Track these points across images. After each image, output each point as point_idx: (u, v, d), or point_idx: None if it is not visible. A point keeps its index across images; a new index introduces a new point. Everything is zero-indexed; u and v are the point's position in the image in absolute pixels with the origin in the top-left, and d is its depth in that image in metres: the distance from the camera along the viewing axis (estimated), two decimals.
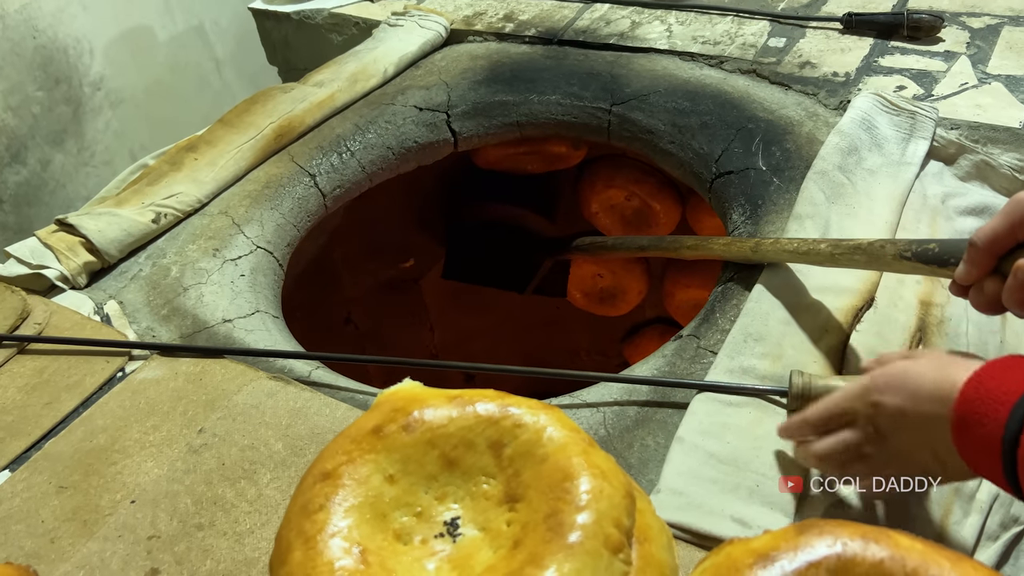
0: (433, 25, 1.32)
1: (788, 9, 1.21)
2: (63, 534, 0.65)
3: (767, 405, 0.68)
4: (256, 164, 1.08)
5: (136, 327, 0.86)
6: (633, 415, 0.72)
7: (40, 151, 1.60)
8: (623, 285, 1.61)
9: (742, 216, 0.92)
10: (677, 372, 0.75)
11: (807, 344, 0.73)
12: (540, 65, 1.21)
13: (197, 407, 0.75)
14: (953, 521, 0.65)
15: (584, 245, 1.29)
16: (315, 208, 1.07)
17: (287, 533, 0.46)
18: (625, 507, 0.45)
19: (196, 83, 1.94)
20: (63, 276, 0.91)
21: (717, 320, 0.79)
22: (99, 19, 1.67)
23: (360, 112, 1.16)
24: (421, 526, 0.47)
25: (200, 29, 1.91)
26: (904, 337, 0.73)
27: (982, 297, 0.54)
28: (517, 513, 0.46)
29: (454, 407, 0.50)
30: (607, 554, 0.43)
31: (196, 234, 0.98)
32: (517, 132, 1.18)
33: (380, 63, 1.23)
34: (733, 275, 0.84)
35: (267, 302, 0.92)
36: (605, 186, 1.43)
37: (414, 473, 0.49)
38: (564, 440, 0.48)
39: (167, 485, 0.68)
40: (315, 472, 0.48)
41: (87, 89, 1.67)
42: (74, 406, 0.76)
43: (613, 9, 1.31)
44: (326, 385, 0.78)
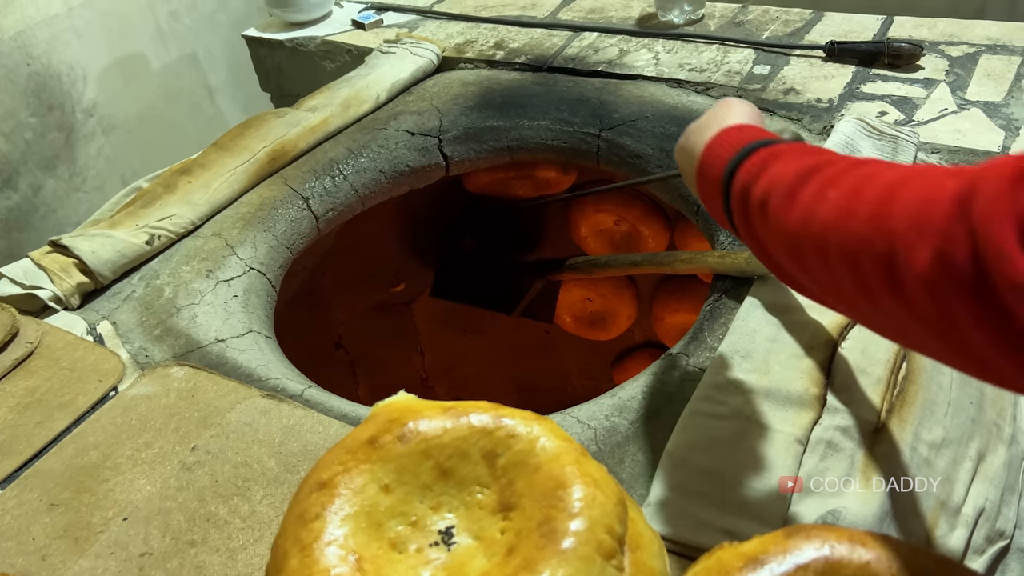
0: (425, 52, 1.34)
1: (772, 37, 1.24)
2: (54, 551, 0.65)
3: (754, 419, 0.69)
4: (250, 187, 1.09)
5: (129, 347, 0.86)
6: (624, 431, 0.72)
7: (32, 176, 1.60)
8: (613, 309, 1.62)
9: (729, 238, 0.94)
10: (667, 389, 0.76)
11: (793, 361, 0.74)
12: (530, 91, 1.23)
13: (190, 424, 0.75)
14: (939, 534, 0.66)
15: (577, 264, 1.31)
16: (308, 231, 1.08)
17: (283, 542, 0.46)
18: (617, 515, 0.46)
19: (189, 110, 1.96)
20: (56, 297, 0.91)
21: (705, 338, 0.81)
22: (93, 47, 1.69)
23: (353, 136, 1.18)
24: (416, 535, 0.48)
25: (193, 57, 1.94)
26: (888, 354, 0.74)
27: None
28: (511, 521, 0.47)
29: (448, 418, 0.51)
30: (600, 560, 0.43)
31: (189, 255, 0.99)
32: (508, 157, 1.20)
33: (373, 89, 1.25)
34: (721, 294, 0.86)
35: (260, 322, 0.93)
36: (594, 210, 1.45)
37: (409, 483, 0.49)
38: (557, 450, 0.49)
39: (160, 502, 0.68)
40: (311, 482, 0.49)
41: (80, 115, 1.68)
42: (66, 425, 0.77)
43: (601, 37, 1.34)
44: (319, 404, 0.78)
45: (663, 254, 1.06)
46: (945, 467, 0.69)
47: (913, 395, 0.72)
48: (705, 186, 0.59)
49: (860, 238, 0.39)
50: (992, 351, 0.34)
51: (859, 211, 0.40)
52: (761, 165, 0.51)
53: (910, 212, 0.36)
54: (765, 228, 0.50)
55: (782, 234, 0.48)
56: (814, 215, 0.44)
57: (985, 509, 0.69)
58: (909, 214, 0.36)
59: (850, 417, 0.69)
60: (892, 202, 0.38)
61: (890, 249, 0.37)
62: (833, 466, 0.66)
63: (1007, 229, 0.31)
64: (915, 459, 0.68)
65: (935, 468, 0.69)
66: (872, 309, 0.41)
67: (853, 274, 0.41)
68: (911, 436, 0.69)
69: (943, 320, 0.35)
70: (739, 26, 1.29)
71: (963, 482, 0.70)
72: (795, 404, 0.70)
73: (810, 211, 0.44)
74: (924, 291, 0.35)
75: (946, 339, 0.36)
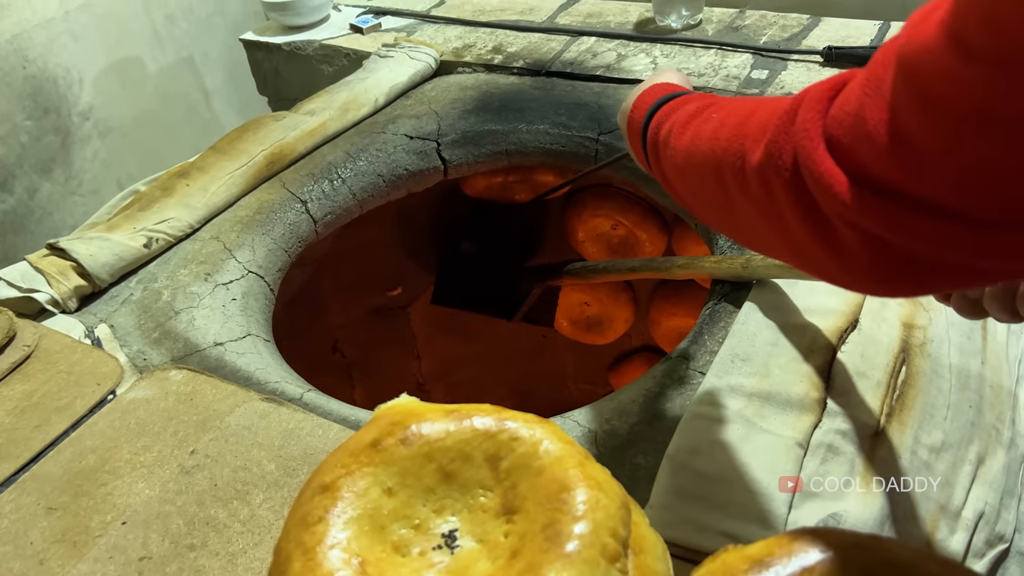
0: (423, 56, 1.34)
1: (770, 42, 1.24)
2: (52, 556, 0.64)
3: (755, 423, 0.69)
4: (248, 190, 1.09)
5: (127, 350, 0.86)
6: (624, 435, 0.72)
7: (27, 179, 1.60)
8: (609, 313, 1.62)
9: (728, 242, 0.94)
10: (667, 392, 0.76)
11: (793, 364, 0.74)
12: (528, 95, 1.23)
13: (189, 428, 0.75)
14: (940, 538, 0.66)
15: (575, 269, 1.31)
16: (306, 234, 1.08)
17: (286, 545, 0.46)
18: (621, 518, 0.46)
19: (185, 113, 1.96)
20: (53, 300, 0.91)
21: (705, 342, 0.81)
22: (89, 50, 1.68)
23: (351, 140, 1.18)
24: (419, 538, 0.48)
25: (190, 60, 1.93)
26: (888, 358, 0.75)
27: (965, 302, 0.55)
28: (514, 524, 0.47)
29: (451, 421, 0.51)
30: (604, 563, 0.43)
31: (187, 259, 0.98)
32: (506, 160, 1.20)
33: (371, 93, 1.25)
34: (720, 298, 0.86)
35: (258, 326, 0.93)
36: (591, 215, 1.45)
37: (412, 486, 0.49)
38: (560, 453, 0.49)
39: (158, 506, 0.68)
40: (314, 485, 0.49)
41: (76, 119, 1.68)
42: (64, 428, 0.76)
43: (599, 42, 1.34)
44: (318, 407, 0.78)
45: (661, 259, 1.06)
46: (945, 470, 0.69)
47: (912, 399, 0.72)
48: (631, 135, 0.68)
49: (725, 145, 0.46)
50: (808, 240, 0.39)
51: (728, 124, 0.48)
52: (672, 109, 0.60)
53: (759, 122, 0.43)
54: (666, 158, 0.58)
55: (675, 158, 0.56)
56: (699, 134, 0.52)
57: (985, 513, 0.69)
58: (758, 124, 0.43)
59: (850, 421, 0.69)
60: (752, 116, 0.45)
61: (741, 150, 0.44)
62: (834, 469, 0.66)
63: (815, 135, 0.37)
64: (915, 462, 0.68)
65: (935, 471, 0.69)
66: (730, 208, 0.48)
67: (717, 177, 0.47)
68: (911, 440, 0.69)
69: (774, 211, 0.41)
70: (737, 31, 1.29)
71: (963, 486, 0.70)
72: (795, 408, 0.70)
73: (696, 132, 0.52)
74: (759, 182, 0.42)
75: (778, 230, 0.42)
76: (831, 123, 0.37)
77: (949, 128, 0.30)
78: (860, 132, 0.35)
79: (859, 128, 0.35)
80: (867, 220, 0.35)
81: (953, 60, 0.29)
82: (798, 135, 0.38)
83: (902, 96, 0.32)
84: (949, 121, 0.30)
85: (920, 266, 0.35)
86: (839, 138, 0.36)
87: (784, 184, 0.39)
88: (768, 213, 0.42)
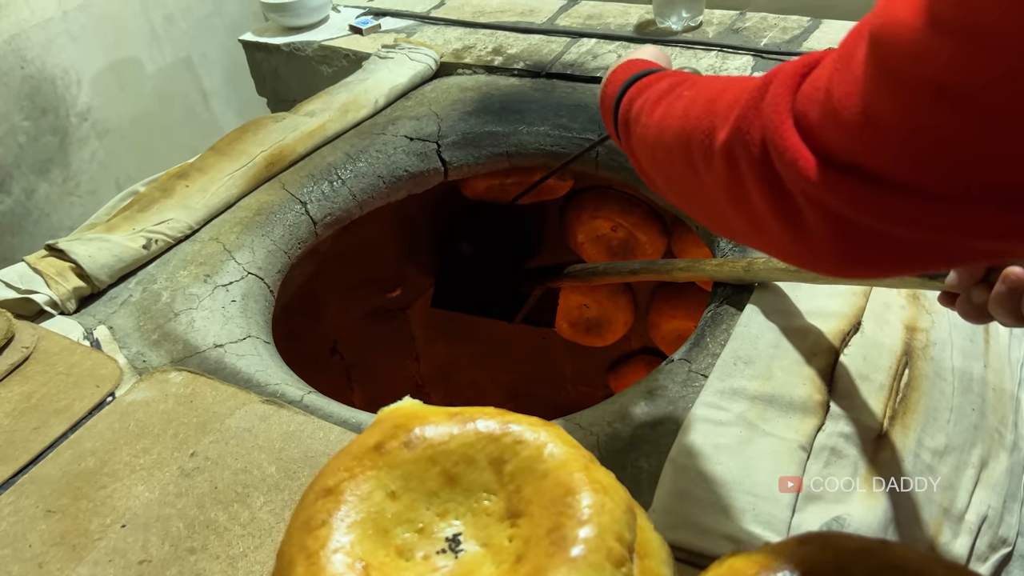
0: (423, 58, 1.34)
1: (771, 44, 1.24)
2: (51, 559, 0.64)
3: (758, 426, 0.69)
4: (247, 191, 1.09)
5: (126, 352, 0.86)
6: (626, 437, 0.72)
7: (25, 180, 1.59)
8: (609, 315, 1.62)
9: (729, 244, 0.94)
10: (669, 395, 0.76)
11: (795, 367, 0.74)
12: (529, 97, 1.23)
13: (189, 430, 0.74)
14: (943, 541, 0.66)
15: (575, 271, 1.31)
16: (306, 235, 1.07)
17: (289, 549, 0.46)
18: (626, 521, 0.46)
19: (183, 114, 1.95)
20: (52, 301, 0.91)
21: (707, 344, 0.80)
22: (87, 50, 1.68)
23: (351, 141, 1.18)
24: (423, 542, 0.47)
25: (188, 61, 1.93)
26: (891, 361, 0.74)
27: (969, 306, 0.55)
28: (519, 528, 0.46)
29: (455, 424, 0.51)
30: (610, 567, 0.43)
31: (187, 260, 0.98)
32: (506, 162, 1.20)
33: (371, 94, 1.25)
34: (723, 300, 0.86)
35: (258, 327, 0.92)
36: (591, 217, 1.45)
37: (415, 489, 0.49)
38: (565, 456, 0.48)
39: (158, 509, 0.67)
40: (317, 488, 0.48)
41: (74, 119, 1.67)
42: (63, 430, 0.76)
43: (600, 44, 1.34)
44: (319, 409, 0.78)
45: (661, 262, 1.06)
46: (948, 474, 0.69)
47: (916, 401, 0.72)
48: (604, 110, 0.69)
49: (695, 122, 0.46)
50: (772, 218, 0.40)
51: (699, 101, 0.48)
52: (644, 86, 0.61)
53: (730, 99, 0.43)
54: (636, 134, 0.59)
55: (644, 135, 0.56)
56: (670, 111, 0.52)
57: (988, 516, 0.69)
58: (728, 101, 0.43)
59: (853, 424, 0.69)
60: (723, 94, 0.45)
61: (711, 126, 0.44)
62: (837, 472, 0.66)
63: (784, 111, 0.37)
64: (918, 466, 0.68)
65: (938, 475, 0.69)
66: (696, 186, 0.48)
67: (685, 154, 0.47)
68: (914, 443, 0.69)
69: (739, 188, 0.41)
70: (737, 33, 1.29)
71: (966, 489, 0.70)
72: (798, 410, 0.70)
73: (667, 109, 0.53)
74: (725, 159, 0.42)
75: (742, 209, 0.42)
76: (801, 99, 0.37)
77: (911, 101, 0.30)
78: (827, 107, 0.34)
79: (827, 103, 0.34)
80: (831, 198, 0.35)
81: (921, 32, 0.29)
82: (767, 111, 0.38)
83: (870, 70, 0.32)
84: (912, 94, 0.30)
85: (882, 245, 0.35)
86: (807, 114, 0.36)
87: (750, 161, 0.39)
88: (733, 191, 0.43)
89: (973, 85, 0.28)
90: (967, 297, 0.54)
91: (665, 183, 0.56)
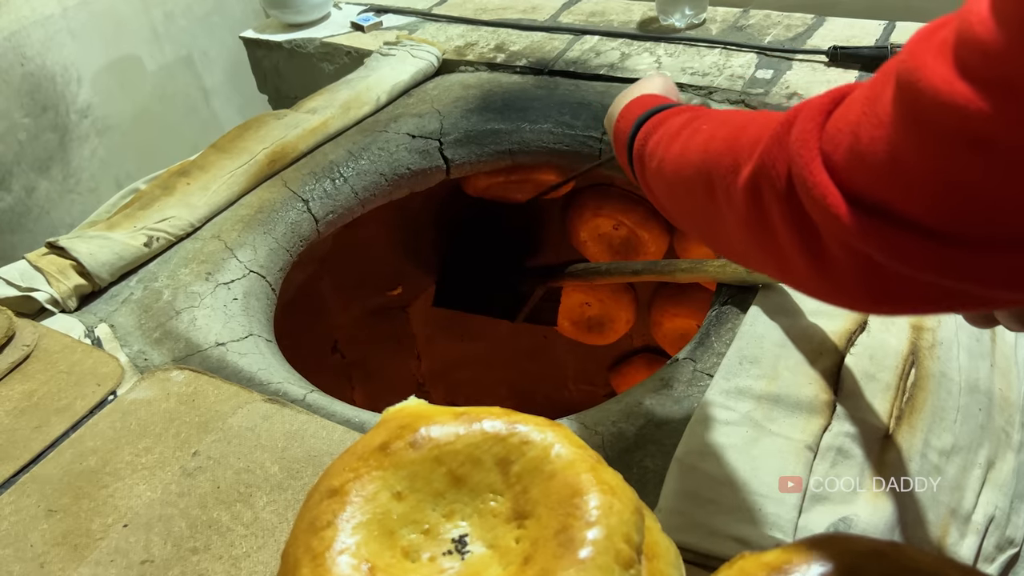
0: (425, 55, 1.33)
1: (775, 42, 1.24)
2: (53, 559, 0.64)
3: (764, 426, 0.69)
4: (249, 189, 1.08)
5: (128, 350, 0.85)
6: (631, 437, 0.72)
7: (25, 178, 1.59)
8: (611, 314, 1.61)
9: None
10: (674, 394, 0.75)
11: (802, 366, 0.73)
12: (531, 95, 1.23)
13: (190, 429, 0.74)
14: (950, 542, 0.66)
15: (577, 271, 1.30)
16: (308, 233, 1.07)
17: (294, 550, 0.45)
18: (635, 523, 0.45)
19: (184, 112, 1.95)
20: (53, 299, 0.90)
21: (712, 343, 0.80)
22: (88, 48, 1.67)
23: (353, 139, 1.17)
24: (429, 543, 0.47)
25: (189, 59, 1.92)
26: (897, 361, 0.74)
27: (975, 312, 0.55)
28: (526, 530, 0.46)
29: (461, 424, 0.50)
30: (619, 569, 0.43)
31: (188, 258, 0.97)
32: (509, 160, 1.20)
33: (373, 91, 1.24)
34: (727, 299, 0.85)
35: (260, 326, 0.92)
36: (593, 215, 1.44)
37: (421, 490, 0.48)
38: (572, 457, 0.48)
39: (160, 508, 0.67)
40: (322, 489, 0.48)
41: (74, 117, 1.67)
42: (64, 429, 0.75)
43: (603, 41, 1.34)
44: (322, 409, 0.77)
45: (664, 262, 1.05)
46: (955, 474, 0.69)
47: (922, 401, 0.71)
48: (617, 146, 0.70)
49: (717, 157, 0.46)
50: (796, 254, 0.39)
51: (719, 136, 0.48)
52: (659, 121, 0.61)
53: (753, 135, 0.43)
54: (652, 169, 0.59)
55: (662, 169, 0.56)
56: (688, 145, 0.52)
57: (995, 517, 0.69)
58: (751, 137, 0.43)
59: (860, 424, 0.69)
60: (746, 129, 0.45)
61: (734, 162, 0.44)
62: (844, 473, 0.66)
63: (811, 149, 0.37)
64: (925, 466, 0.67)
65: (945, 475, 0.68)
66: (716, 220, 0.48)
67: (706, 188, 0.47)
68: (921, 443, 0.68)
69: (762, 224, 0.41)
70: (741, 30, 1.29)
71: (973, 489, 0.69)
72: (805, 410, 0.69)
73: (686, 143, 0.53)
74: (749, 194, 0.42)
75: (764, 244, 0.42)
76: (826, 140, 0.36)
77: (942, 151, 0.30)
78: (855, 150, 0.34)
79: (854, 147, 0.34)
80: (858, 240, 0.34)
81: (952, 84, 0.29)
82: (793, 149, 0.38)
83: (897, 115, 0.32)
84: (943, 143, 0.30)
85: (908, 287, 0.35)
86: (833, 155, 0.36)
87: (777, 197, 0.39)
88: (756, 226, 0.42)
89: (1012, 141, 0.28)
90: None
91: (684, 217, 0.57)
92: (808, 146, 0.37)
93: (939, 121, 0.30)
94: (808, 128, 0.37)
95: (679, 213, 0.58)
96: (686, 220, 0.58)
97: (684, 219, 0.58)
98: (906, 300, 0.37)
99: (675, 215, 0.59)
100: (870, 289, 0.37)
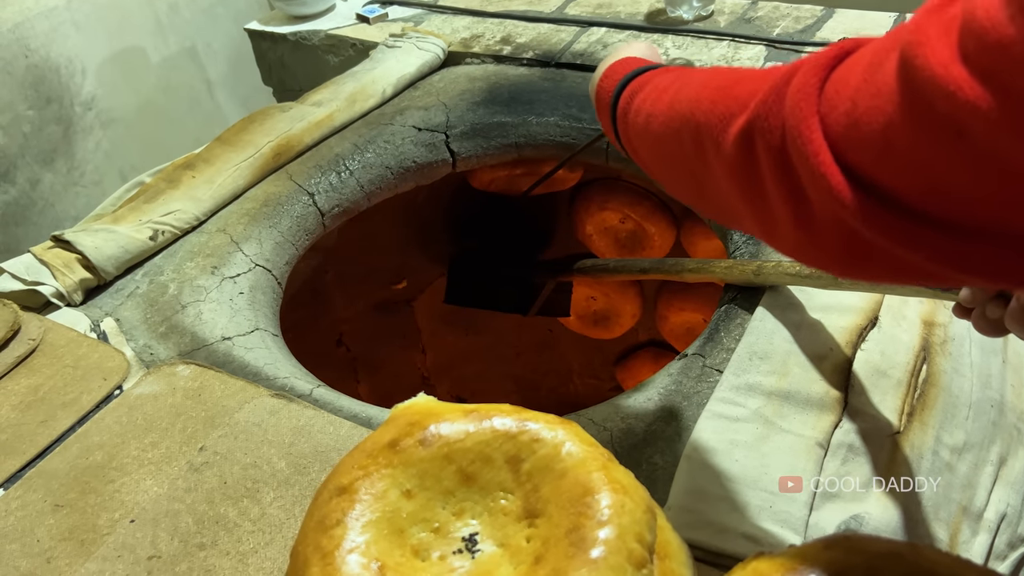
0: (431, 47, 1.32)
1: (783, 34, 1.23)
2: (60, 554, 0.63)
3: (774, 422, 0.68)
4: (254, 182, 1.07)
5: (133, 344, 0.85)
6: (640, 433, 0.71)
7: (29, 170, 1.58)
8: (617, 308, 1.61)
9: (742, 237, 0.93)
10: (683, 390, 0.75)
11: (812, 363, 0.73)
12: (538, 87, 1.22)
13: (197, 424, 0.73)
14: (962, 540, 0.65)
15: (585, 267, 1.29)
16: (313, 226, 1.06)
17: (304, 548, 0.45)
18: (647, 522, 0.45)
19: (188, 104, 1.94)
20: (59, 293, 0.90)
21: (722, 339, 0.79)
22: (92, 39, 1.67)
23: (359, 132, 1.16)
24: (439, 542, 0.46)
25: (193, 51, 1.92)
26: (908, 357, 0.73)
27: (985, 321, 0.54)
28: (537, 529, 0.45)
29: (471, 421, 0.50)
30: (631, 569, 0.42)
31: (194, 252, 0.97)
32: (515, 153, 1.19)
33: (379, 84, 1.23)
34: (736, 295, 0.84)
35: (266, 320, 0.91)
36: (599, 208, 1.43)
37: (431, 488, 0.48)
38: (583, 455, 0.48)
39: (167, 504, 0.66)
40: (331, 487, 0.47)
41: (78, 109, 1.66)
42: (70, 424, 0.75)
43: (610, 33, 1.33)
44: (329, 403, 0.77)
45: (671, 261, 1.04)
46: (967, 471, 0.68)
47: (934, 398, 0.71)
48: (599, 106, 0.68)
49: (708, 107, 0.45)
50: (783, 213, 0.39)
51: (711, 86, 0.46)
52: (646, 79, 0.60)
53: (749, 88, 0.42)
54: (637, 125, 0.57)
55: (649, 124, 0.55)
56: (678, 97, 0.51)
57: (1007, 514, 0.68)
58: (748, 89, 0.42)
59: (871, 420, 0.68)
60: (740, 82, 0.44)
61: (727, 112, 0.42)
62: (855, 470, 0.65)
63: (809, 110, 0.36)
64: (936, 463, 0.67)
65: (956, 472, 0.68)
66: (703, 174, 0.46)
67: (695, 141, 0.46)
68: (932, 440, 0.68)
69: (751, 179, 0.40)
70: (749, 22, 1.28)
71: (985, 487, 0.69)
72: (815, 407, 0.69)
73: (675, 96, 0.51)
74: (741, 147, 0.41)
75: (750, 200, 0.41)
76: (824, 101, 0.35)
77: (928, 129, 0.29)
78: (851, 118, 0.34)
79: (851, 112, 0.34)
80: (845, 210, 0.34)
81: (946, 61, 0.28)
82: (791, 101, 0.37)
83: (896, 87, 0.31)
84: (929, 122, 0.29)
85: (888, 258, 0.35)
86: (829, 117, 0.35)
87: (768, 149, 0.38)
88: (744, 179, 0.41)
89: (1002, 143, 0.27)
90: (982, 313, 0.53)
91: (669, 173, 0.55)
92: (807, 102, 0.36)
93: (932, 103, 0.29)
94: (809, 83, 0.36)
95: (663, 170, 0.56)
96: (670, 177, 0.56)
97: (668, 176, 0.56)
98: (879, 269, 0.36)
99: (658, 172, 0.57)
100: (849, 253, 0.36)
